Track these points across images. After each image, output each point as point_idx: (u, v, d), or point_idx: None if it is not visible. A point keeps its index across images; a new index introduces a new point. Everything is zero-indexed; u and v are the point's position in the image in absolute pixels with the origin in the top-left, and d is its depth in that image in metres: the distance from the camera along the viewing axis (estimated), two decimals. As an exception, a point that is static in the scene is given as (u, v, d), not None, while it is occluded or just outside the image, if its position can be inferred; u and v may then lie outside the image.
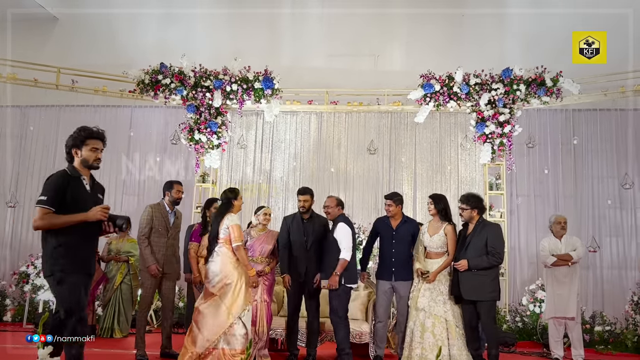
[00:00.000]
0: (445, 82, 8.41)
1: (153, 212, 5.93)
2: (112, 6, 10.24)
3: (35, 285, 8.32)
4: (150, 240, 5.85)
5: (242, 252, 5.14)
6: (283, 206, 9.40)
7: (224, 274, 5.07)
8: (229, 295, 5.03)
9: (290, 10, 10.37)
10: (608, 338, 7.71)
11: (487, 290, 5.26)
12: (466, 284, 5.28)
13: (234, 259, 5.13)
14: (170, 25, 10.26)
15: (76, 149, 3.99)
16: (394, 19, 10.14)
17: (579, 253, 6.48)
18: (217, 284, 5.07)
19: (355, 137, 9.52)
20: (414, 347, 5.31)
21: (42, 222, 3.70)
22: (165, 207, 6.02)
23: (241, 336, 4.97)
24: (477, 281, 5.25)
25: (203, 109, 8.68)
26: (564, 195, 9.36)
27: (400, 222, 5.91)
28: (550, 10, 8.88)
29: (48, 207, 3.69)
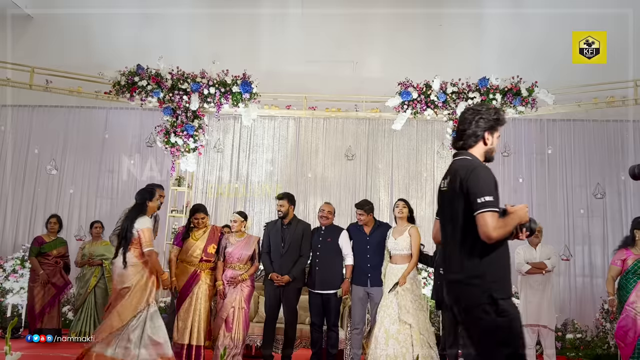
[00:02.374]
0: (422, 90, 8.47)
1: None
2: (88, 6, 10.07)
3: (4, 288, 8.12)
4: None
5: (153, 257, 5.05)
6: (260, 211, 9.35)
7: (123, 278, 5.00)
8: (124, 299, 4.95)
9: (269, 13, 10.34)
10: (579, 345, 7.82)
11: None
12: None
13: (139, 263, 5.04)
14: (147, 26, 10.14)
15: (489, 133, 3.13)
16: (373, 26, 10.19)
17: (553, 262, 6.56)
18: (118, 286, 5.01)
19: (333, 143, 9.53)
20: (379, 355, 5.31)
21: (501, 231, 2.85)
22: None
23: (135, 341, 4.84)
24: None
25: (180, 111, 8.59)
26: (537, 204, 9.48)
27: (373, 228, 6.01)
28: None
29: (497, 210, 2.92)
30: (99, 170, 9.91)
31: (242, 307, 5.79)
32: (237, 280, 5.77)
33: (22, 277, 8.11)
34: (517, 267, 6.72)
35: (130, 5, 10.23)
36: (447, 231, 3.02)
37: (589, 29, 7.61)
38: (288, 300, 5.90)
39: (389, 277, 5.58)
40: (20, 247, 8.84)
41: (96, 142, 9.90)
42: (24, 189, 9.85)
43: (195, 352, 5.68)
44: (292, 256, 5.92)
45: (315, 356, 5.90)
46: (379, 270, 5.80)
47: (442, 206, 3.08)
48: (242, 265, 5.89)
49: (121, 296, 4.98)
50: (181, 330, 5.70)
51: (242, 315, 5.77)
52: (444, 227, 3.05)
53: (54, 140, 9.97)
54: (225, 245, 5.94)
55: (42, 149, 9.90)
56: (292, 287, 5.89)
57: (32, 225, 9.75)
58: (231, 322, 5.71)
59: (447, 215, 3.02)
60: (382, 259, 5.82)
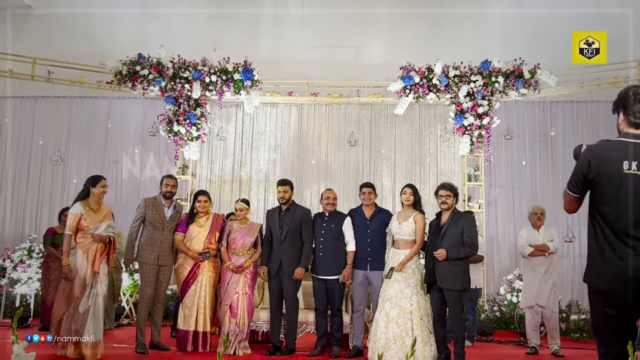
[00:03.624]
0: (424, 74, 8.47)
1: (146, 205, 6.01)
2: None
3: (12, 278, 8.21)
4: (144, 233, 5.95)
5: (65, 240, 5.35)
6: (264, 198, 9.37)
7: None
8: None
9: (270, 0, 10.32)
10: (583, 326, 7.85)
11: (460, 280, 5.31)
12: (441, 273, 5.32)
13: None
14: (148, 15, 10.12)
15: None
16: (374, 10, 10.13)
17: (556, 244, 6.58)
18: None
19: (336, 129, 9.51)
20: (379, 338, 5.35)
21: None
22: (160, 201, 6.06)
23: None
24: (452, 271, 5.30)
25: (182, 100, 8.61)
26: (541, 186, 9.49)
27: (374, 213, 6.03)
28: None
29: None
30: (102, 161, 9.96)
31: (246, 292, 5.85)
32: (241, 267, 5.82)
33: (29, 268, 8.19)
34: (519, 249, 6.75)
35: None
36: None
37: (589, 28, 7.57)
38: (288, 289, 5.94)
39: (390, 262, 5.60)
40: (27, 238, 8.92)
41: (99, 132, 9.95)
42: (29, 180, 9.91)
43: (202, 338, 5.77)
44: (292, 242, 5.94)
45: (321, 341, 5.96)
46: (378, 255, 5.83)
47: (621, 188, 2.80)
48: (246, 251, 5.94)
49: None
50: (187, 317, 5.79)
51: (246, 301, 5.83)
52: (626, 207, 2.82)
53: (57, 131, 10.01)
54: (228, 232, 5.99)
55: (45, 140, 9.95)
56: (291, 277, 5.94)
57: (39, 216, 9.83)
58: (236, 308, 5.77)
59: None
60: (382, 243, 5.85)
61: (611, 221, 2.79)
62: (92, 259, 5.32)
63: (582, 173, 2.89)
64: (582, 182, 2.91)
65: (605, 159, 2.84)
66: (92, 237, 5.36)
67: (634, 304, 2.70)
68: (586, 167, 2.87)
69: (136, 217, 6.03)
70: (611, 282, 2.75)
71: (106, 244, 5.46)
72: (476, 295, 7.24)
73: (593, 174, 2.84)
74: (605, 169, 2.81)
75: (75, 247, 5.33)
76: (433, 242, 5.47)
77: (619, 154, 2.81)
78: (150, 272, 5.88)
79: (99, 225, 5.43)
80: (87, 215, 5.40)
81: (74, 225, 5.36)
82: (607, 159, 2.83)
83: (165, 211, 6.02)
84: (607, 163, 2.83)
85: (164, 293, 6.11)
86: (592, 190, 2.90)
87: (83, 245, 5.35)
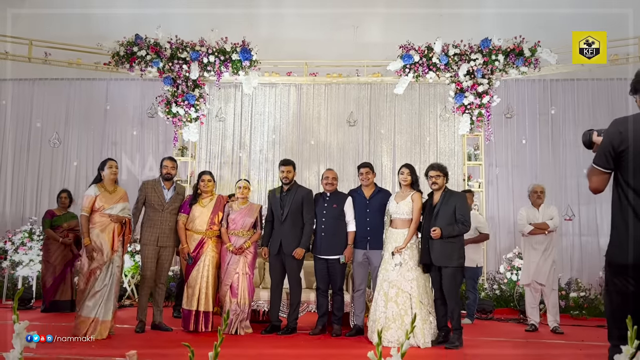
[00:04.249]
0: (424, 53, 8.40)
1: (145, 188, 6.06)
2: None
3: (14, 261, 8.24)
4: (144, 215, 5.99)
5: (82, 221, 5.51)
6: (264, 179, 9.37)
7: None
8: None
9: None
10: (583, 304, 7.89)
11: (455, 257, 5.35)
12: (436, 251, 5.35)
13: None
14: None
15: None
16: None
17: (555, 222, 6.58)
18: None
19: (335, 109, 9.47)
20: (378, 317, 5.39)
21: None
22: (160, 183, 6.07)
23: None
24: (447, 248, 5.34)
25: (180, 81, 8.57)
26: (541, 164, 9.48)
27: (374, 192, 6.03)
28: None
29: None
30: (102, 142, 9.95)
31: (246, 272, 5.88)
32: (241, 248, 5.85)
33: (30, 250, 8.21)
34: (519, 228, 6.77)
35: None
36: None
37: (589, 29, 7.52)
38: (291, 270, 5.97)
39: (388, 242, 5.63)
40: (28, 220, 8.94)
41: (98, 114, 9.93)
42: (28, 163, 9.92)
43: (204, 317, 5.81)
44: (293, 223, 5.95)
45: (322, 320, 6.00)
46: (378, 234, 5.86)
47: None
48: (245, 232, 5.95)
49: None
50: (190, 297, 5.83)
51: (246, 281, 5.86)
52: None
53: (55, 113, 10.00)
54: (228, 213, 6.00)
55: (44, 122, 9.93)
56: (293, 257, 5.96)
57: (39, 198, 9.85)
58: (236, 288, 5.81)
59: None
60: (381, 223, 5.87)
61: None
62: (110, 238, 5.47)
63: (613, 145, 2.79)
64: (612, 155, 2.80)
65: (637, 129, 2.78)
66: (110, 217, 5.49)
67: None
68: (617, 138, 2.78)
69: (137, 199, 6.08)
70: (637, 255, 2.67)
71: (122, 225, 5.58)
72: (477, 273, 7.28)
73: (625, 145, 2.76)
74: (638, 139, 2.75)
75: (93, 227, 5.46)
76: (427, 222, 5.50)
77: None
78: (150, 253, 5.91)
79: (115, 205, 5.56)
80: (102, 196, 5.54)
81: (88, 207, 5.50)
82: (638, 129, 2.78)
83: (165, 193, 6.02)
84: (639, 133, 2.77)
85: (166, 274, 6.13)
86: (620, 164, 2.80)
87: (101, 224, 5.49)
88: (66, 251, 7.47)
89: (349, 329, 5.94)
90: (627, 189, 2.76)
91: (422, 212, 5.62)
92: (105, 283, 5.41)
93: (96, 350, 4.85)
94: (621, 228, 2.77)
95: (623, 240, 2.74)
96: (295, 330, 5.95)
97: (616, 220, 2.82)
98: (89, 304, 5.35)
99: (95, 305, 5.35)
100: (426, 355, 5.00)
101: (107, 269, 5.45)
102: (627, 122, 2.82)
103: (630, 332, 1.60)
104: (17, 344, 1.78)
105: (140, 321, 5.87)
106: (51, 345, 4.73)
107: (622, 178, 2.80)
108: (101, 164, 5.74)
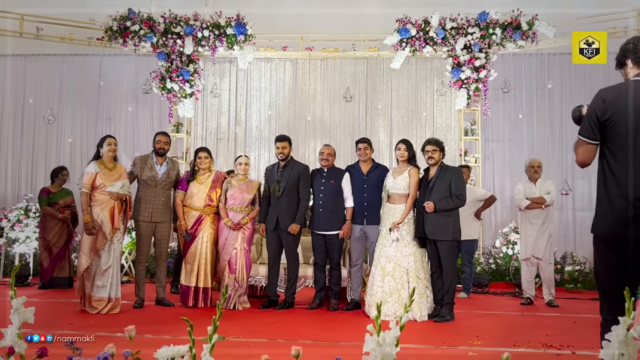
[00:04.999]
0: (421, 27, 8.33)
1: (137, 163, 6.04)
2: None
3: (10, 238, 8.24)
4: (138, 191, 5.97)
5: (82, 197, 5.54)
6: (259, 155, 9.34)
7: None
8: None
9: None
10: (578, 277, 7.97)
11: (450, 231, 5.40)
12: (431, 225, 5.39)
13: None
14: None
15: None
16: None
17: (552, 196, 6.61)
18: None
19: (331, 84, 9.41)
20: (375, 292, 5.44)
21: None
22: (152, 158, 6.05)
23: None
24: (441, 222, 5.37)
25: (174, 56, 8.48)
26: (538, 139, 9.49)
27: (371, 168, 6.04)
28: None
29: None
30: (96, 119, 9.89)
31: (244, 248, 5.90)
32: (238, 224, 5.85)
33: (27, 227, 8.21)
34: (516, 202, 6.79)
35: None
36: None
37: (589, 29, 7.43)
38: (289, 245, 6.00)
39: (385, 217, 5.66)
40: (23, 197, 8.91)
41: (92, 90, 9.85)
42: (22, 140, 9.87)
43: (203, 293, 5.85)
44: (289, 199, 5.96)
45: (319, 294, 6.05)
46: (375, 209, 5.88)
47: (638, 126, 2.70)
48: (244, 208, 5.95)
49: None
50: (188, 273, 5.87)
51: (244, 257, 5.89)
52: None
53: (49, 89, 9.92)
54: (226, 189, 5.99)
55: (37, 98, 9.85)
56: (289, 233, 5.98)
57: (34, 175, 9.83)
58: (234, 264, 5.84)
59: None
60: (378, 198, 5.89)
61: (624, 162, 2.67)
62: (110, 215, 5.49)
63: (597, 114, 2.73)
64: (596, 124, 2.73)
65: (621, 97, 2.71)
66: (110, 195, 5.51)
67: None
68: (601, 107, 2.72)
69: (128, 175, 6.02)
70: (619, 228, 2.65)
71: (123, 202, 5.61)
72: (473, 247, 7.33)
73: (609, 113, 2.70)
74: (621, 107, 2.69)
75: (94, 205, 5.50)
76: (422, 196, 5.52)
77: (635, 93, 2.70)
78: (145, 229, 5.93)
79: (115, 183, 5.58)
80: (102, 173, 5.56)
81: (89, 184, 5.52)
82: (623, 97, 2.71)
83: (158, 168, 5.99)
84: (623, 101, 2.70)
85: (166, 250, 6.14)
86: (605, 133, 2.74)
87: (101, 201, 5.51)
88: (63, 228, 7.46)
89: (346, 304, 5.99)
90: (610, 159, 2.73)
91: (419, 187, 5.63)
92: (110, 261, 5.47)
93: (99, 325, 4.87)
94: (604, 201, 2.74)
95: (607, 213, 2.72)
96: (293, 305, 6.00)
97: (600, 193, 2.79)
98: (99, 284, 5.42)
99: (107, 285, 5.43)
100: (423, 328, 5.05)
101: (109, 247, 5.49)
102: (611, 91, 2.77)
103: (627, 304, 1.60)
104: (15, 320, 1.79)
105: (138, 297, 5.90)
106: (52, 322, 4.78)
107: (606, 149, 2.75)
108: (100, 141, 5.74)
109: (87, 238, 5.49)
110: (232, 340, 4.18)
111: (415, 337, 4.56)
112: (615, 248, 2.66)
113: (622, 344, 1.59)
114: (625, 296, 1.61)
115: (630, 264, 2.64)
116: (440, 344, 4.38)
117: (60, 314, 5.43)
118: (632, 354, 1.59)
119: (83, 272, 5.46)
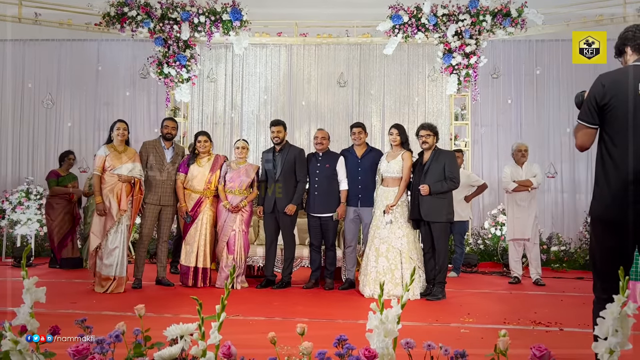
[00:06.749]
0: (413, 14, 8.49)
1: (145, 148, 6.20)
2: None
3: (12, 220, 8.41)
4: (146, 175, 6.09)
5: (95, 180, 5.78)
6: (255, 139, 9.51)
7: None
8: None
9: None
10: (563, 257, 8.26)
11: (444, 213, 5.62)
12: (426, 207, 5.60)
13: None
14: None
15: None
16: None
17: (539, 179, 6.83)
18: None
19: (325, 69, 9.56)
20: (369, 272, 5.67)
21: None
22: (160, 143, 6.22)
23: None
24: (435, 204, 5.59)
25: (171, 41, 8.60)
26: (526, 124, 9.70)
27: (365, 152, 6.22)
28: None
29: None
30: (94, 103, 10.00)
31: (242, 230, 6.11)
32: (237, 207, 6.06)
33: (28, 209, 8.37)
34: (503, 185, 7.01)
35: None
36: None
37: (589, 29, 7.57)
38: (285, 227, 6.21)
39: (379, 199, 5.87)
40: (24, 180, 9.05)
41: (90, 75, 9.95)
42: (22, 124, 9.98)
43: (202, 273, 6.07)
44: (286, 182, 6.15)
45: (315, 274, 6.28)
46: (369, 192, 6.08)
47: (636, 110, 2.72)
48: (242, 191, 6.15)
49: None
50: (188, 254, 6.08)
51: (242, 238, 6.10)
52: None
53: (48, 74, 10.01)
54: (226, 171, 6.18)
55: (36, 83, 9.95)
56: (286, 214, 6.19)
57: (35, 159, 9.96)
58: (233, 245, 6.05)
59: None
60: (372, 181, 6.10)
61: (622, 145, 2.70)
62: (117, 197, 5.69)
63: (596, 98, 2.77)
64: (595, 108, 2.77)
65: (620, 81, 2.74)
66: (119, 177, 5.71)
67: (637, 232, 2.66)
68: (600, 92, 2.76)
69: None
70: (616, 210, 2.69)
71: (132, 185, 5.79)
72: (464, 228, 7.58)
73: (607, 98, 2.73)
74: (620, 92, 2.71)
75: (103, 186, 5.72)
76: (417, 179, 5.74)
77: (634, 77, 2.73)
78: (150, 212, 6.10)
79: (123, 165, 5.77)
80: (112, 155, 5.76)
81: (100, 166, 5.75)
82: (622, 81, 2.74)
83: (166, 153, 6.18)
84: (622, 85, 2.73)
85: (168, 232, 6.34)
86: (604, 118, 2.77)
87: (110, 184, 5.72)
88: (68, 210, 7.64)
89: (341, 283, 6.24)
90: (609, 144, 2.76)
91: (413, 171, 5.84)
92: (117, 242, 5.68)
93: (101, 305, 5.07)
94: (603, 184, 2.76)
95: (605, 195, 2.75)
96: (290, 284, 6.23)
97: (598, 176, 2.81)
98: (107, 263, 5.64)
99: (113, 264, 5.65)
100: (416, 307, 5.20)
101: (117, 228, 5.70)
102: (611, 75, 2.80)
103: (622, 282, 1.66)
104: (27, 299, 1.83)
105: (136, 278, 6.06)
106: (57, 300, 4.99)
107: (605, 134, 2.79)
108: (111, 125, 5.93)
109: (97, 219, 5.71)
110: (232, 319, 4.32)
111: (408, 315, 4.69)
112: (611, 230, 2.72)
113: (616, 321, 1.64)
114: (620, 275, 1.67)
115: (626, 246, 2.71)
116: (433, 321, 4.55)
117: (64, 294, 5.56)
118: (626, 331, 1.64)
119: (93, 251, 5.71)
